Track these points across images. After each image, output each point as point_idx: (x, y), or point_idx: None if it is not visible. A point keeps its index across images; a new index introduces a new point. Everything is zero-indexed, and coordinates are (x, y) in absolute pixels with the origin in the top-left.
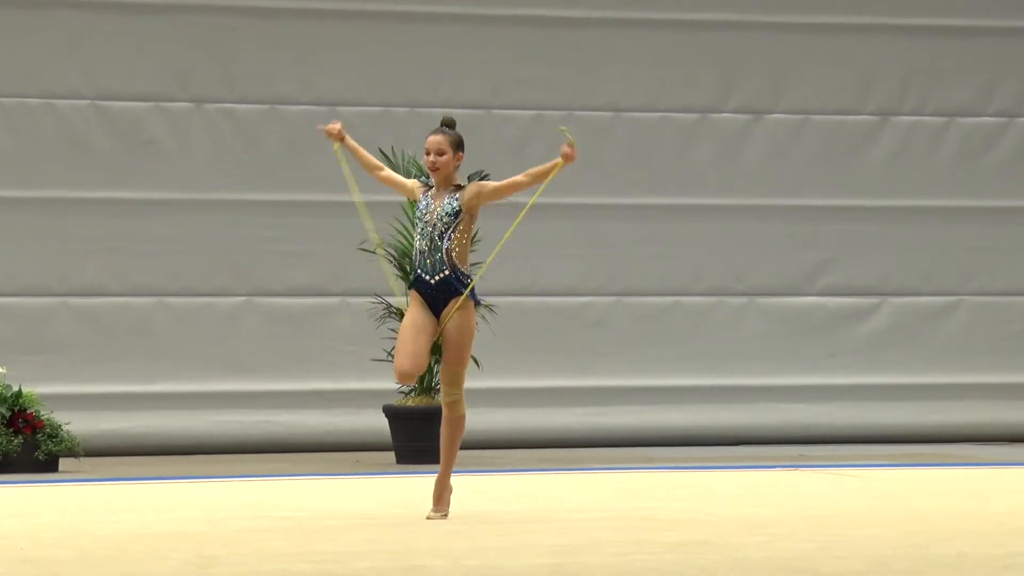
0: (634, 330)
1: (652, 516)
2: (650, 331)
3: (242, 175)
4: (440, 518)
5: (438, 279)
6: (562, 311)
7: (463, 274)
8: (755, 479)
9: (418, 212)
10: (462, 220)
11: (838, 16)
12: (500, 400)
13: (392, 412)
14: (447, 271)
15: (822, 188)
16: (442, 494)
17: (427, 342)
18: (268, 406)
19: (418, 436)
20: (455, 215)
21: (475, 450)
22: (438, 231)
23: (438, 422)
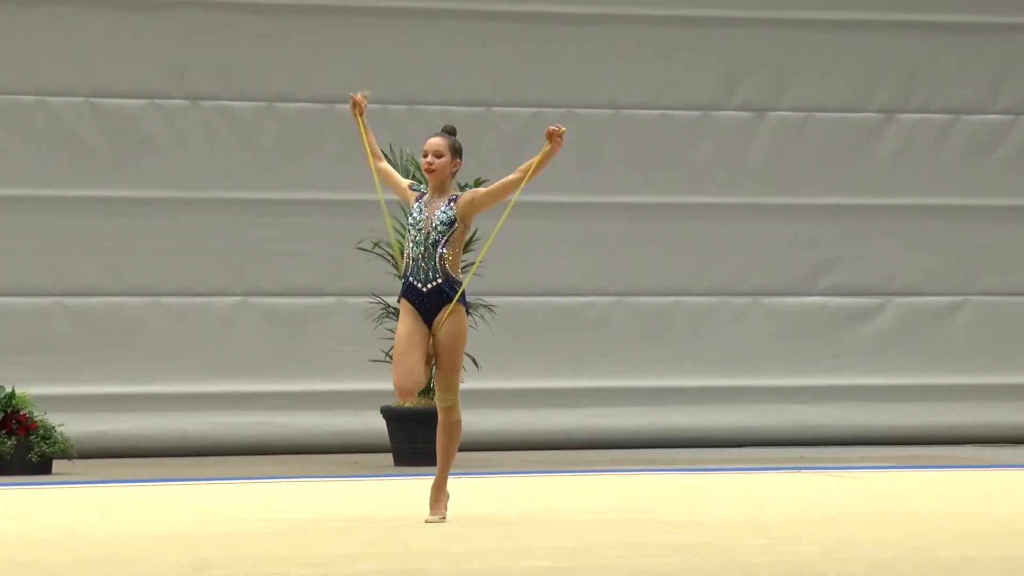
0: (635, 330)
1: (653, 518)
2: (651, 331)
3: (239, 173)
4: (438, 521)
5: (430, 287)
6: (562, 311)
7: (455, 281)
8: (757, 481)
9: (411, 219)
10: (456, 230)
11: (842, 12)
12: (500, 401)
13: (390, 413)
14: (440, 279)
15: (825, 186)
16: (439, 500)
17: (422, 355)
18: (264, 407)
19: (416, 438)
20: (450, 224)
21: (474, 452)
22: (432, 240)
23: (436, 424)
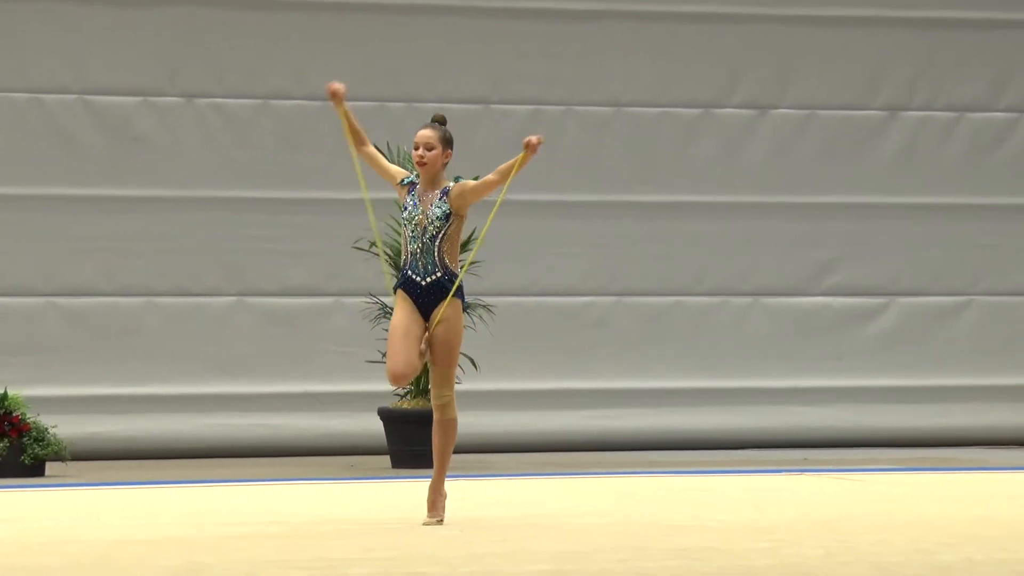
0: (635, 331)
1: (654, 521)
2: (651, 332)
3: (234, 172)
4: (436, 524)
5: (430, 280)
6: (562, 311)
7: (454, 274)
8: (759, 483)
9: (406, 214)
10: (453, 222)
11: (845, 8)
12: (499, 402)
13: (387, 415)
14: (439, 272)
15: (828, 185)
16: (436, 501)
17: (416, 342)
18: (260, 409)
19: (413, 440)
20: (446, 218)
21: (472, 454)
22: (430, 234)
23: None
